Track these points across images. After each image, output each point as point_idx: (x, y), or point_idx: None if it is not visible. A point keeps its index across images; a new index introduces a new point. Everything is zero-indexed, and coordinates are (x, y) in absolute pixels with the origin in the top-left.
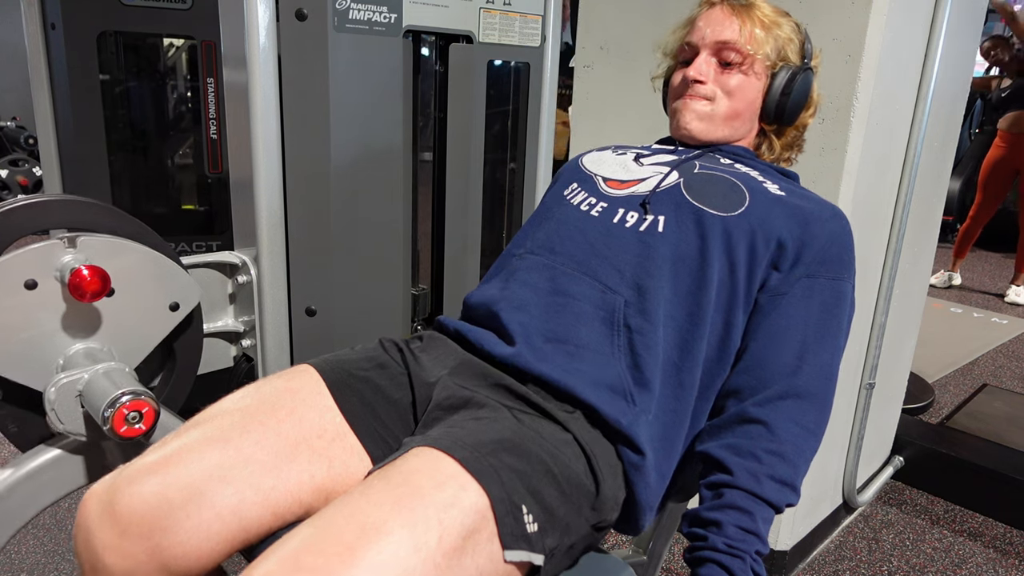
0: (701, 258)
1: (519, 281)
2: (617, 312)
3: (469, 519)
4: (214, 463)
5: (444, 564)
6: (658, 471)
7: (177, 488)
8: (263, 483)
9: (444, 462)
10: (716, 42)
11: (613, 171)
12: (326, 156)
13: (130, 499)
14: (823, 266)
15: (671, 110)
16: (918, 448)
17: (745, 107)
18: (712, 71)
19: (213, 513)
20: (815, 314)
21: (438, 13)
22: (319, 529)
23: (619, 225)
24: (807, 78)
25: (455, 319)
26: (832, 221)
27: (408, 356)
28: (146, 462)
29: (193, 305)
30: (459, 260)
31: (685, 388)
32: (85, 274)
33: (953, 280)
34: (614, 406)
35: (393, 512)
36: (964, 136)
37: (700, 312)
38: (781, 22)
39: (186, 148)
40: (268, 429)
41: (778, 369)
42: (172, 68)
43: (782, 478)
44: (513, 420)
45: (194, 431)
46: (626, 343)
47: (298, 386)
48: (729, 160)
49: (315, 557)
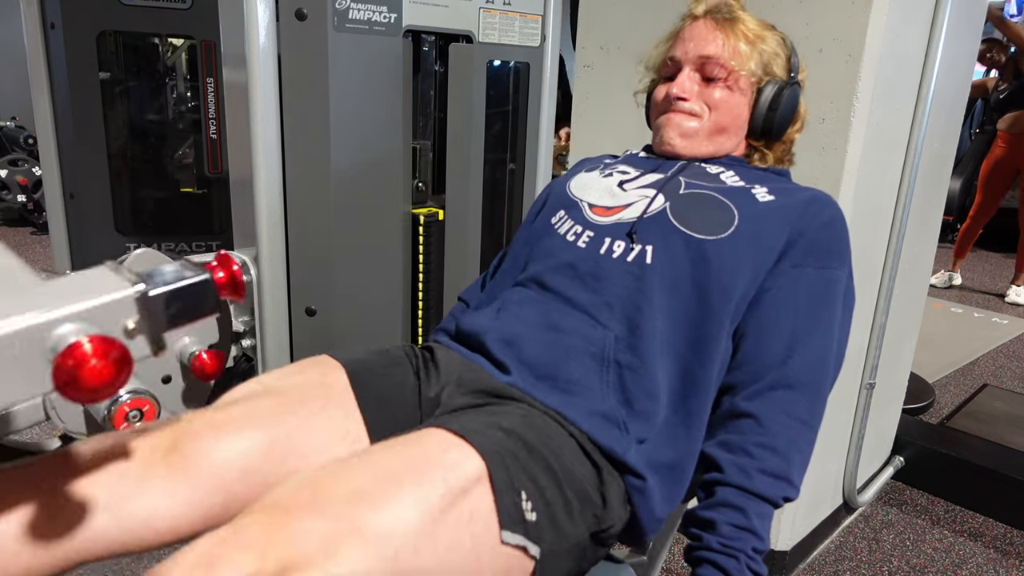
0: (695, 284)
1: (510, 314)
2: (607, 348)
3: (470, 484)
4: (245, 449)
5: (441, 519)
6: (664, 496)
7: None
8: (291, 462)
9: (451, 437)
10: (699, 56)
11: (599, 197)
12: (326, 156)
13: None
14: (810, 256)
15: (655, 126)
16: (918, 448)
17: (730, 122)
18: (695, 87)
19: (238, 471)
20: (803, 304)
21: (438, 13)
22: (339, 469)
23: (606, 256)
24: (794, 92)
25: (449, 339)
26: (823, 211)
27: (420, 363)
28: (192, 427)
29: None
30: (459, 260)
31: (693, 414)
32: (205, 358)
33: (953, 280)
34: (608, 434)
35: (405, 466)
36: (964, 136)
37: (702, 337)
38: (766, 36)
39: (186, 148)
40: (300, 420)
41: (768, 361)
42: (172, 68)
43: (774, 471)
44: (522, 417)
45: (232, 408)
46: (616, 379)
47: (332, 382)
48: (717, 168)
49: (335, 488)
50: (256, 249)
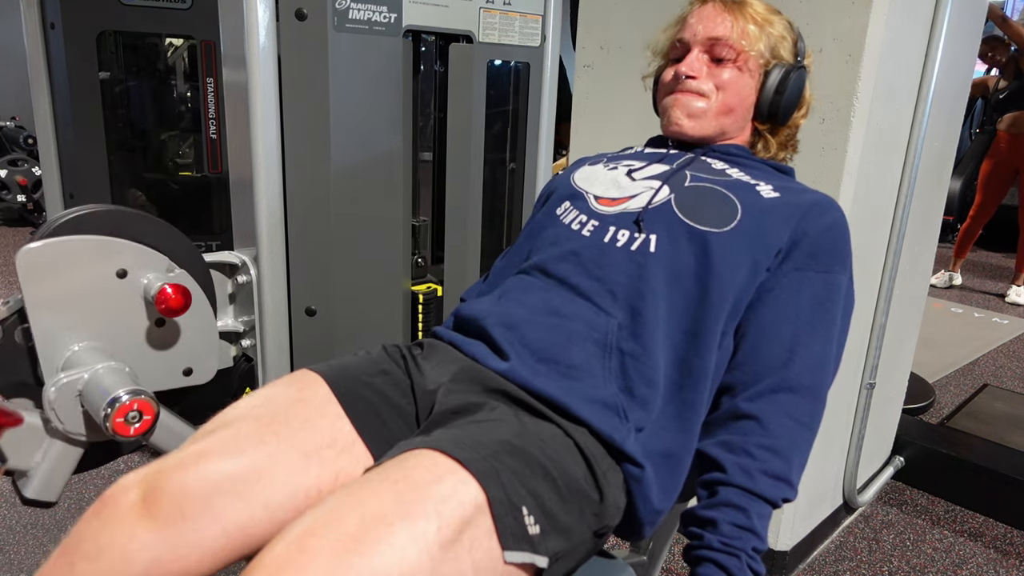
0: (696, 277)
1: (512, 300)
2: (610, 335)
3: (468, 512)
4: (226, 474)
5: (440, 555)
6: (660, 486)
7: (191, 498)
8: (272, 500)
9: (443, 460)
10: (708, 38)
11: (604, 188)
12: (326, 156)
13: (177, 485)
14: (813, 259)
15: (661, 108)
16: (918, 448)
17: (738, 103)
18: (704, 67)
19: (220, 528)
20: (805, 307)
21: (438, 13)
22: (322, 516)
23: (610, 244)
24: (800, 76)
25: (449, 330)
26: (826, 214)
27: (410, 363)
28: (167, 464)
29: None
30: (459, 260)
31: (690, 406)
32: (169, 292)
33: (953, 280)
34: (607, 422)
35: (393, 503)
36: (964, 136)
37: (700, 330)
38: (774, 20)
39: (186, 148)
40: (282, 440)
41: (769, 363)
42: (172, 68)
43: (776, 473)
44: (516, 423)
45: (210, 439)
46: (618, 366)
47: (310, 396)
48: (721, 164)
49: (320, 541)
50: (256, 249)
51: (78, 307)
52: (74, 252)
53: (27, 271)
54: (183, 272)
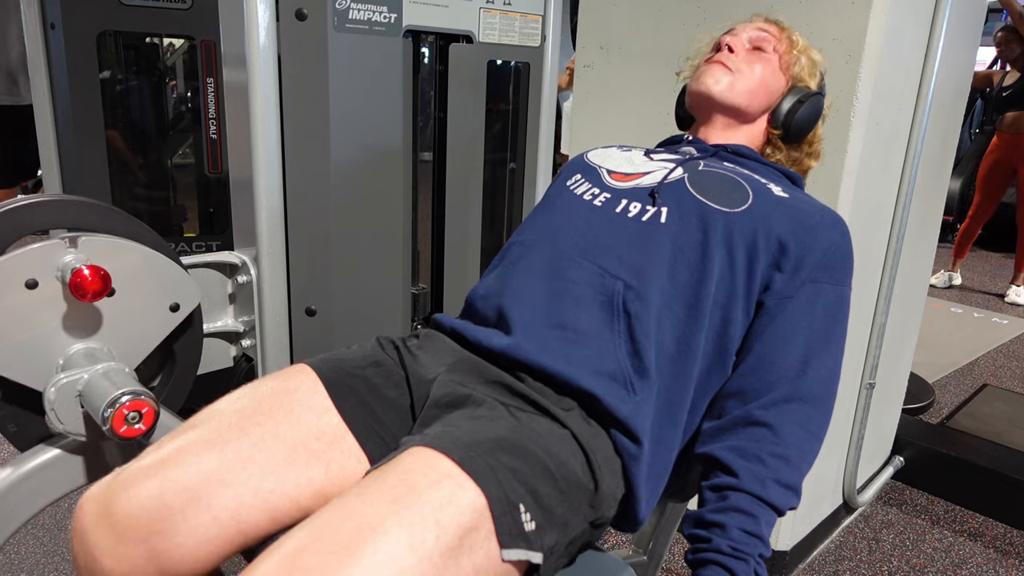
0: (702, 252)
1: (519, 269)
2: (616, 296)
3: (466, 518)
4: (211, 466)
5: (441, 563)
6: (652, 466)
7: (174, 492)
8: (261, 486)
9: (440, 461)
10: (756, 30)
11: (618, 164)
12: (326, 156)
13: (127, 503)
14: (826, 271)
15: (695, 75)
16: (918, 448)
17: (763, 93)
18: (744, 51)
19: (210, 516)
20: (819, 319)
21: (438, 13)
22: (316, 529)
23: (621, 215)
24: (819, 102)
25: (452, 317)
26: (834, 229)
27: (405, 354)
28: (143, 465)
29: (193, 306)
30: (459, 260)
31: (681, 381)
32: (86, 274)
33: (953, 280)
34: (614, 395)
35: (390, 511)
36: (964, 136)
37: (698, 305)
38: (811, 51)
39: (186, 148)
40: (266, 431)
41: (783, 372)
42: (172, 68)
43: (787, 482)
44: (510, 418)
45: (190, 433)
46: (626, 328)
47: (295, 386)
48: (733, 163)
49: (312, 556)
50: (256, 249)
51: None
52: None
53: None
54: (87, 238)
